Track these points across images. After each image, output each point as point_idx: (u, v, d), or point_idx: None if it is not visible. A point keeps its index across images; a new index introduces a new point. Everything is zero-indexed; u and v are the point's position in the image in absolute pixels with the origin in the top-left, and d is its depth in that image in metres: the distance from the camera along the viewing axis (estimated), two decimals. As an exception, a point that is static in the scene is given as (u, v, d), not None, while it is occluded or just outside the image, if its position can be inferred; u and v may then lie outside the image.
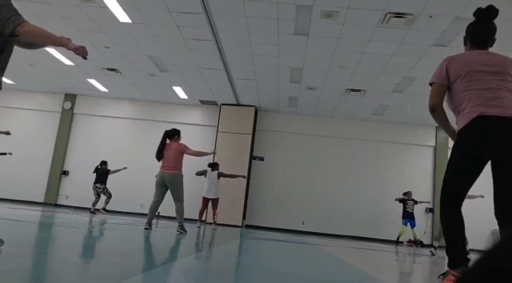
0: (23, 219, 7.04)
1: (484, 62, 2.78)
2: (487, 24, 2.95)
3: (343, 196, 14.93)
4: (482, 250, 0.65)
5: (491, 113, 2.61)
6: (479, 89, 2.70)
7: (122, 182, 14.23)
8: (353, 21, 8.05)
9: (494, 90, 2.69)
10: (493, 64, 2.77)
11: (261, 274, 3.08)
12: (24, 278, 2.03)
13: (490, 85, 2.71)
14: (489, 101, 2.65)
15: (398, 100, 12.58)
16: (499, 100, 2.65)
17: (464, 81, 2.76)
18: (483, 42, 2.94)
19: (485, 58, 2.81)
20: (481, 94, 2.69)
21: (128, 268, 2.75)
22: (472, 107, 2.67)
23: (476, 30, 2.96)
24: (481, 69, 2.75)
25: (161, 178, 7.03)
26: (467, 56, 2.87)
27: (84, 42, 10.50)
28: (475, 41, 2.94)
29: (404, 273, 5.04)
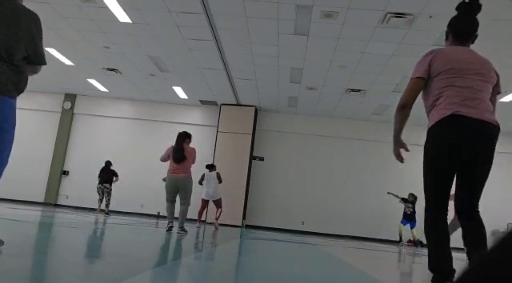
0: (23, 219, 7.04)
1: (468, 60, 2.70)
2: (472, 19, 2.83)
3: (343, 196, 14.93)
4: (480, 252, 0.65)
5: (465, 113, 2.53)
6: (459, 87, 2.61)
7: (122, 182, 14.22)
8: (353, 21, 8.05)
9: (474, 91, 2.61)
10: (476, 63, 2.69)
11: (261, 274, 3.08)
12: (24, 278, 2.03)
13: (471, 84, 2.62)
14: (466, 101, 2.57)
15: (398, 100, 12.55)
16: (477, 102, 2.58)
17: (445, 77, 2.66)
18: (467, 38, 2.84)
19: (469, 57, 2.73)
20: (460, 92, 2.60)
21: (128, 268, 2.75)
22: (448, 104, 2.59)
23: (460, 25, 2.86)
24: (465, 67, 2.66)
25: (173, 183, 7.00)
26: (452, 52, 2.77)
27: (84, 42, 10.51)
28: (458, 36, 2.84)
29: (404, 273, 5.04)
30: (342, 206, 14.83)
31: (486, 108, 2.59)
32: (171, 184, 7.00)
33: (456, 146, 2.56)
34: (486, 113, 2.57)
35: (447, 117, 2.56)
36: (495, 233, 13.25)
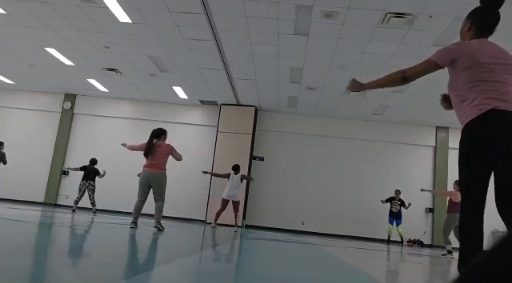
0: (23, 219, 7.04)
1: (495, 54, 2.67)
2: (497, 13, 2.81)
3: (343, 196, 14.93)
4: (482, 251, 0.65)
5: (503, 107, 2.50)
6: (490, 81, 2.58)
7: (122, 182, 14.23)
8: (353, 21, 8.05)
9: (504, 84, 2.59)
10: (502, 57, 2.68)
11: (261, 275, 3.08)
12: (23, 278, 2.03)
13: (501, 78, 2.60)
14: (500, 95, 2.54)
15: (398, 100, 12.58)
16: (508, 95, 2.55)
17: (477, 71, 2.61)
18: (492, 31, 2.82)
19: (495, 50, 2.70)
20: (492, 87, 2.56)
21: (128, 268, 2.75)
22: (483, 99, 2.54)
23: (488, 18, 2.81)
24: (493, 61, 2.63)
25: (146, 178, 7.07)
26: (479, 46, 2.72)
27: (84, 42, 10.51)
28: (483, 28, 2.80)
29: (404, 273, 5.04)
30: (342, 206, 14.83)
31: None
32: (144, 178, 7.08)
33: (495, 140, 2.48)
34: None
35: (485, 113, 2.51)
36: (495, 233, 13.25)
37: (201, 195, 14.86)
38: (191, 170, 14.76)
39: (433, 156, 14.89)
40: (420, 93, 11.52)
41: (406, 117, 14.21)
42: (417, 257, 8.07)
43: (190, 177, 14.80)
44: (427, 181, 14.69)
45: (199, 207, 14.84)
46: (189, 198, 14.92)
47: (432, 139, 14.91)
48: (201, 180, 14.93)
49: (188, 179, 14.76)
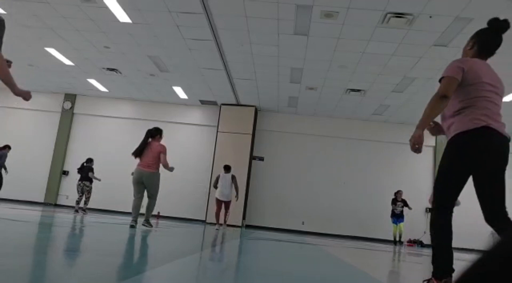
0: (23, 219, 7.04)
1: (493, 77, 2.86)
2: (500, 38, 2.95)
3: (343, 196, 14.93)
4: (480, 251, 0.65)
5: (494, 126, 2.70)
6: (488, 101, 2.77)
7: (122, 182, 14.23)
8: (353, 21, 8.05)
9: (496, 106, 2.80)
10: (497, 81, 2.87)
11: (261, 275, 3.08)
12: (23, 278, 2.03)
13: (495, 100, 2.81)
14: (494, 115, 2.75)
15: (398, 100, 12.58)
16: (499, 117, 2.78)
17: (478, 88, 2.79)
18: (491, 53, 2.98)
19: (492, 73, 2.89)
20: (488, 106, 2.76)
21: (128, 267, 2.75)
22: (480, 114, 2.72)
23: (491, 41, 2.96)
24: (491, 83, 2.82)
25: (139, 176, 7.11)
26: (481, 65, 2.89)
27: (84, 42, 10.52)
28: (485, 50, 2.96)
29: (404, 273, 5.05)
30: (342, 206, 14.83)
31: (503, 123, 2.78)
32: (137, 176, 7.14)
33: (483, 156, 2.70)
34: (503, 128, 2.76)
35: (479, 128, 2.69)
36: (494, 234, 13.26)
37: (201, 195, 14.86)
38: (191, 170, 14.77)
39: (433, 156, 14.89)
40: (420, 93, 11.52)
41: (406, 117, 14.20)
42: (417, 257, 8.07)
43: (190, 177, 14.81)
44: (427, 181, 14.68)
45: (199, 207, 14.84)
46: (189, 198, 14.92)
47: (432, 139, 14.90)
48: (200, 180, 14.95)
49: (188, 179, 14.76)
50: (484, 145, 2.70)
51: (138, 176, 7.11)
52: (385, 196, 13.81)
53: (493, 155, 2.70)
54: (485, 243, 0.67)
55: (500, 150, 2.72)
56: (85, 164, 11.97)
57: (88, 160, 12.06)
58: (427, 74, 10.24)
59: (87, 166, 11.91)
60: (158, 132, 7.36)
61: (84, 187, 11.70)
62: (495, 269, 0.58)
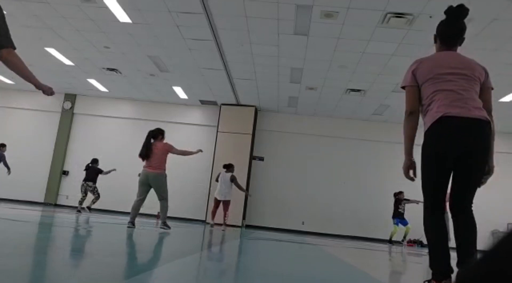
0: (23, 219, 7.04)
1: (453, 64, 2.83)
2: (458, 23, 2.93)
3: (343, 196, 14.93)
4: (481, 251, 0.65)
5: (454, 113, 2.67)
6: (447, 90, 2.76)
7: (123, 182, 14.23)
8: (353, 21, 8.05)
9: (461, 91, 2.75)
10: (461, 67, 2.82)
11: (261, 275, 3.07)
12: (23, 278, 2.03)
13: (458, 86, 2.76)
14: (455, 102, 2.71)
15: (398, 100, 12.58)
16: (464, 101, 2.71)
17: (432, 83, 2.80)
18: (453, 42, 2.95)
19: (453, 60, 2.86)
20: (448, 95, 2.74)
21: (128, 267, 2.75)
22: (438, 107, 2.73)
23: (447, 29, 2.96)
24: (450, 71, 2.80)
25: (145, 177, 7.10)
26: (436, 58, 2.91)
27: (84, 42, 10.51)
28: (445, 40, 2.96)
29: (404, 273, 5.05)
30: (342, 206, 14.83)
31: (474, 106, 2.72)
32: (143, 178, 7.12)
33: (449, 144, 2.70)
34: (475, 111, 2.70)
35: (438, 119, 2.71)
36: (495, 233, 13.27)
37: (201, 195, 14.86)
38: (191, 170, 14.77)
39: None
40: (420, 93, 11.51)
41: (406, 117, 14.18)
42: (417, 257, 8.07)
43: (190, 177, 14.81)
44: (427, 181, 14.66)
45: (199, 207, 14.84)
46: (189, 198, 14.91)
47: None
48: (200, 180, 14.95)
49: (188, 179, 14.77)
50: (443, 134, 2.69)
51: (144, 178, 7.10)
52: (385, 196, 13.79)
53: (456, 141, 2.67)
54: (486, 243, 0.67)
55: (464, 133, 2.66)
56: (90, 164, 11.98)
57: (94, 160, 12.05)
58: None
59: (93, 167, 11.92)
60: (160, 133, 7.34)
61: (87, 187, 11.73)
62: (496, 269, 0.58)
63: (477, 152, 2.68)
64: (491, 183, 2.84)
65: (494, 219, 12.89)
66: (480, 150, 2.69)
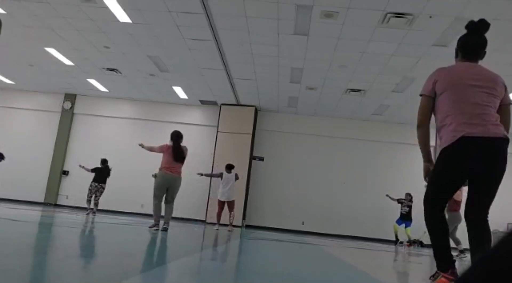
0: (23, 219, 7.04)
1: (473, 76, 2.79)
2: (479, 37, 2.93)
3: (343, 196, 14.93)
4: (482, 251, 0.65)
5: (475, 134, 2.65)
6: (464, 103, 2.73)
7: (123, 182, 14.24)
8: (353, 21, 8.04)
9: (479, 106, 2.71)
10: (481, 79, 2.78)
11: (261, 275, 3.08)
12: (23, 278, 2.03)
13: (476, 100, 2.72)
14: (473, 119, 2.68)
15: (398, 100, 12.58)
16: (483, 118, 2.68)
17: (451, 93, 2.78)
18: (475, 55, 2.93)
19: (475, 72, 2.82)
20: (466, 110, 2.71)
21: (128, 268, 2.75)
22: (457, 125, 2.70)
23: (468, 42, 2.95)
24: (469, 83, 2.76)
25: (167, 181, 7.02)
26: (456, 68, 2.89)
27: (84, 42, 10.51)
28: (467, 53, 2.94)
29: (404, 273, 5.05)
30: (342, 206, 14.83)
31: (492, 123, 2.69)
32: (166, 181, 7.03)
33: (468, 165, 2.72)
34: (493, 129, 2.68)
35: (458, 140, 2.68)
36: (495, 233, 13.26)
37: (201, 195, 14.86)
38: (191, 170, 14.73)
39: (433, 156, 14.85)
40: (420, 93, 11.51)
41: (406, 117, 14.19)
42: (417, 257, 8.07)
43: (190, 177, 14.77)
44: (427, 181, 14.67)
45: (199, 207, 14.84)
46: (189, 198, 14.90)
47: (432, 139, 14.87)
48: (201, 180, 14.93)
49: (188, 179, 14.71)
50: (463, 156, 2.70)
51: (166, 181, 7.01)
52: (385, 196, 13.79)
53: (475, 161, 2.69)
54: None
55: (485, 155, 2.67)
56: (101, 165, 11.82)
57: (105, 161, 11.90)
58: (427, 74, 10.11)
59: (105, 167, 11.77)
60: (181, 136, 7.39)
61: (100, 188, 11.61)
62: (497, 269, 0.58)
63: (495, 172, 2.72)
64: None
65: (494, 219, 12.78)
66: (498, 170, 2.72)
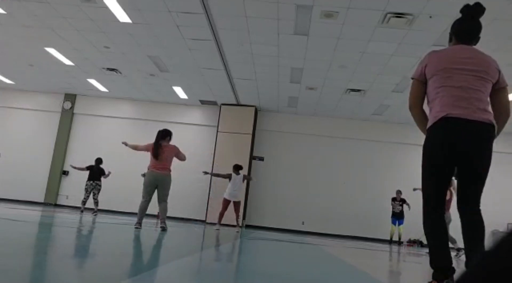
0: (23, 219, 7.04)
1: (463, 60, 2.72)
2: (474, 21, 2.88)
3: (343, 196, 14.93)
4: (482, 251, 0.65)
5: (456, 115, 2.57)
6: (452, 87, 2.65)
7: (123, 182, 14.24)
8: (353, 21, 8.05)
9: (467, 90, 2.63)
10: (472, 62, 2.70)
11: (261, 275, 3.08)
12: (23, 278, 2.03)
13: (464, 84, 2.65)
14: (458, 102, 2.61)
15: (398, 100, 12.58)
16: (469, 101, 2.60)
17: (440, 77, 2.70)
18: (469, 38, 2.87)
19: (466, 55, 2.74)
20: (453, 93, 2.64)
21: (128, 268, 2.75)
22: (441, 106, 2.64)
23: (463, 26, 2.89)
24: (459, 66, 2.69)
25: (153, 178, 7.07)
26: (448, 51, 2.82)
27: (84, 42, 10.51)
28: (461, 36, 2.88)
29: (404, 273, 5.05)
30: (342, 206, 14.83)
31: (478, 107, 2.61)
32: (153, 179, 7.07)
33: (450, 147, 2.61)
34: (478, 113, 2.60)
35: (439, 120, 2.62)
36: (495, 233, 13.27)
37: (201, 195, 14.86)
38: (191, 170, 14.74)
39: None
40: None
41: (406, 117, 14.17)
42: (417, 257, 8.07)
43: (190, 177, 14.79)
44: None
45: (199, 207, 14.84)
46: (189, 198, 14.91)
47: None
48: (201, 180, 14.93)
49: (188, 179, 14.75)
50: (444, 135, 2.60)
51: (152, 179, 7.07)
52: (385, 196, 13.79)
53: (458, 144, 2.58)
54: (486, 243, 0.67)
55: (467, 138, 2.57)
56: (96, 164, 11.85)
57: (99, 160, 11.93)
58: (427, 74, 10.23)
59: (97, 166, 11.80)
60: (168, 134, 7.34)
61: (96, 186, 11.63)
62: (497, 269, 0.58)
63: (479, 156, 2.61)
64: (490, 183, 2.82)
65: (494, 219, 12.87)
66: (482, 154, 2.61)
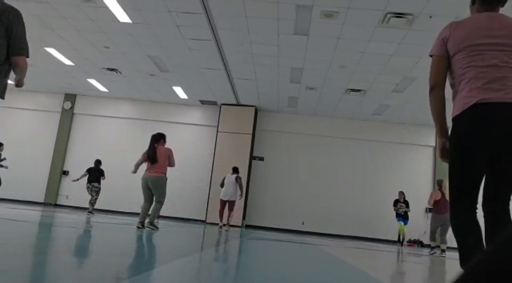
0: (23, 219, 7.04)
1: (492, 32, 2.32)
2: None
3: (343, 196, 14.93)
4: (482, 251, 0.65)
5: (488, 99, 2.19)
6: (481, 67, 2.27)
7: (123, 182, 14.23)
8: (353, 21, 8.05)
9: (498, 68, 2.24)
10: (502, 34, 2.31)
11: (261, 275, 3.08)
12: (23, 278, 2.03)
13: (494, 61, 2.26)
14: (490, 84, 2.22)
15: (398, 100, 12.58)
16: (503, 82, 2.21)
17: (465, 55, 2.32)
18: (496, 1, 2.47)
19: (494, 26, 2.35)
20: (481, 74, 2.25)
21: (128, 268, 2.75)
22: (469, 90, 2.25)
23: None
24: (488, 41, 2.30)
25: (145, 181, 7.33)
26: (471, 22, 2.39)
27: (84, 42, 10.51)
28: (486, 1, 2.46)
29: (404, 273, 5.05)
30: (342, 206, 14.83)
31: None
32: (143, 182, 7.37)
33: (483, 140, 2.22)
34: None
35: (470, 108, 2.23)
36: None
37: (201, 195, 14.86)
38: (191, 170, 14.77)
39: (433, 156, 14.88)
40: (420, 93, 11.51)
41: (406, 117, 14.20)
42: (417, 257, 8.07)
43: (190, 177, 14.81)
44: (427, 181, 14.68)
45: (199, 207, 14.84)
46: (189, 198, 14.91)
47: (432, 139, 14.90)
48: (201, 180, 14.95)
49: (188, 179, 14.76)
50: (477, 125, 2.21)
51: (145, 182, 7.35)
52: (385, 196, 13.79)
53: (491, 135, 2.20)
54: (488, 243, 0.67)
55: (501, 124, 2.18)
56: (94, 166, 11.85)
57: (98, 161, 11.94)
58: (427, 74, 10.20)
59: (96, 168, 11.81)
60: (162, 137, 7.57)
61: (93, 188, 11.64)
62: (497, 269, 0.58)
63: None
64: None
65: (494, 219, 12.88)
66: None
